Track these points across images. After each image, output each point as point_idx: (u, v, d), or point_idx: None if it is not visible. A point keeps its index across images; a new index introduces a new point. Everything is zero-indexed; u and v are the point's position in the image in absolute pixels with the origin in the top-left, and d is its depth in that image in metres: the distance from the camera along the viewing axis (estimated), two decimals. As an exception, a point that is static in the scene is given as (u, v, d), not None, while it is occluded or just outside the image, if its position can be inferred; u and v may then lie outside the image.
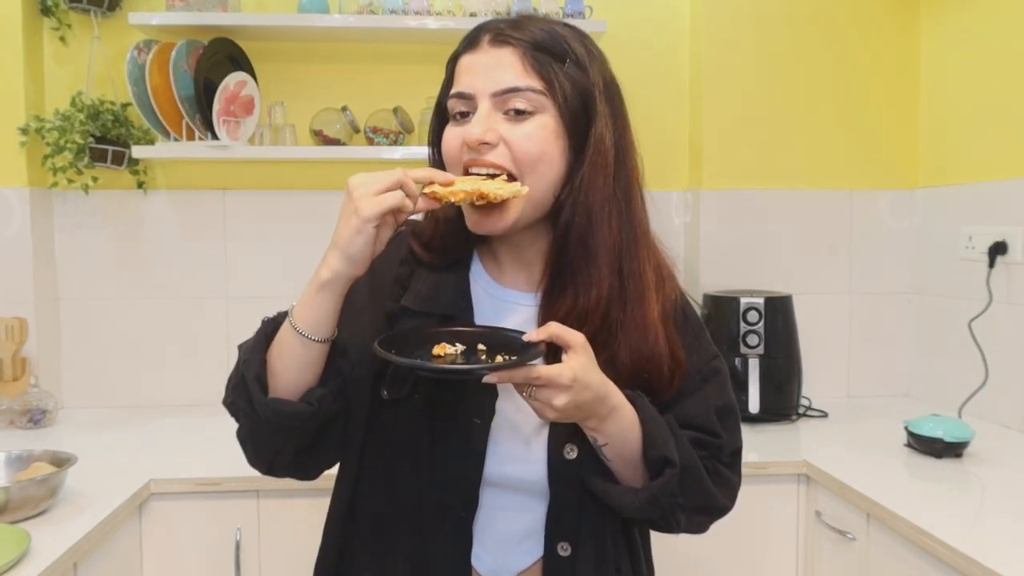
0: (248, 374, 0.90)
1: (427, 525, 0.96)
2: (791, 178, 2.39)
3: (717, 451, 1.00)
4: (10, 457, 1.58)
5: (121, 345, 2.30)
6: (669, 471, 0.91)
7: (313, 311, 0.88)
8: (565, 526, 0.97)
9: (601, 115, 0.93)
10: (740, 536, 1.81)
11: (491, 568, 0.98)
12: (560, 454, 0.95)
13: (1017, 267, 2.00)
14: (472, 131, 0.90)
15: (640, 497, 0.92)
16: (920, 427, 1.80)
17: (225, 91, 2.07)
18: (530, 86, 0.90)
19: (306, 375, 0.91)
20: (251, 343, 0.94)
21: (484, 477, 0.96)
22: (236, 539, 1.70)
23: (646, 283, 0.96)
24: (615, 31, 2.28)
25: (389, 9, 2.17)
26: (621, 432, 0.91)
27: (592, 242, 0.93)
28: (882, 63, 2.39)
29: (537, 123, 0.91)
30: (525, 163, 0.90)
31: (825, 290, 2.41)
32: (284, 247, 2.32)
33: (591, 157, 0.92)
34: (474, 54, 0.94)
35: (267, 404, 0.89)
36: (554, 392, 0.84)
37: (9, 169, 2.13)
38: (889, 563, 1.52)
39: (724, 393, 1.03)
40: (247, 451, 0.97)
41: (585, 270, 0.93)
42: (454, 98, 0.94)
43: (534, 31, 0.93)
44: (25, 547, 1.26)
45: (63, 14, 2.20)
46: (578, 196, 0.92)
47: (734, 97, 2.35)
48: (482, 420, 0.95)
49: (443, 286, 1.00)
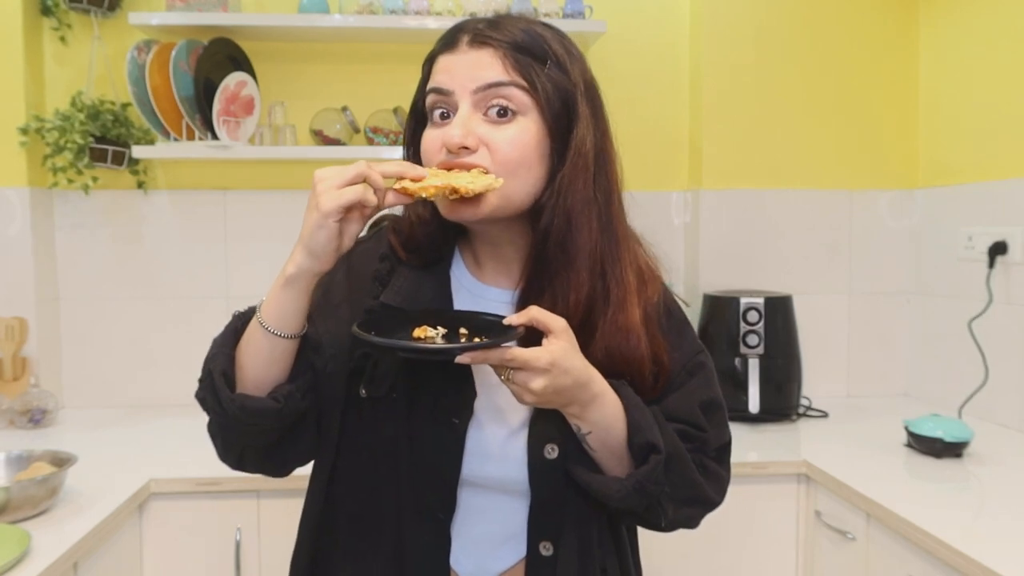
0: (215, 369, 0.89)
1: (405, 526, 0.94)
2: (791, 178, 2.39)
3: (703, 444, 0.98)
4: (10, 457, 1.58)
5: (121, 345, 2.30)
6: (654, 457, 0.90)
7: (279, 306, 0.87)
8: (547, 526, 0.95)
9: (582, 117, 0.92)
10: (740, 536, 1.82)
11: (470, 571, 0.97)
12: (541, 454, 0.94)
13: (1017, 267, 2.00)
14: (452, 133, 0.88)
15: (626, 485, 0.89)
16: (920, 427, 1.80)
17: (225, 91, 2.07)
18: (514, 81, 0.88)
19: (274, 371, 0.90)
20: (220, 337, 0.92)
21: (462, 477, 0.94)
22: (236, 539, 1.70)
23: (627, 287, 0.94)
24: (615, 31, 2.28)
25: (389, 9, 2.17)
26: (604, 420, 0.90)
27: (571, 246, 0.91)
28: (882, 63, 2.39)
29: (519, 126, 0.89)
30: (506, 167, 0.88)
31: (825, 290, 2.41)
32: (284, 247, 2.25)
33: (572, 160, 0.90)
34: (453, 54, 0.92)
35: (233, 400, 0.87)
36: (531, 375, 0.83)
37: (9, 169, 2.13)
38: (889, 563, 1.52)
39: (709, 387, 1.00)
40: (216, 445, 0.96)
41: (564, 274, 0.91)
42: (432, 94, 0.92)
43: (514, 31, 0.90)
44: (25, 547, 1.27)
45: (63, 14, 2.20)
46: (558, 199, 0.90)
47: (734, 97, 2.35)
48: (460, 420, 0.94)
49: (424, 282, 0.98)
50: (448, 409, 0.94)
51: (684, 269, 2.45)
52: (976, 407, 2.05)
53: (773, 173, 2.38)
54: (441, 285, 0.99)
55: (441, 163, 0.89)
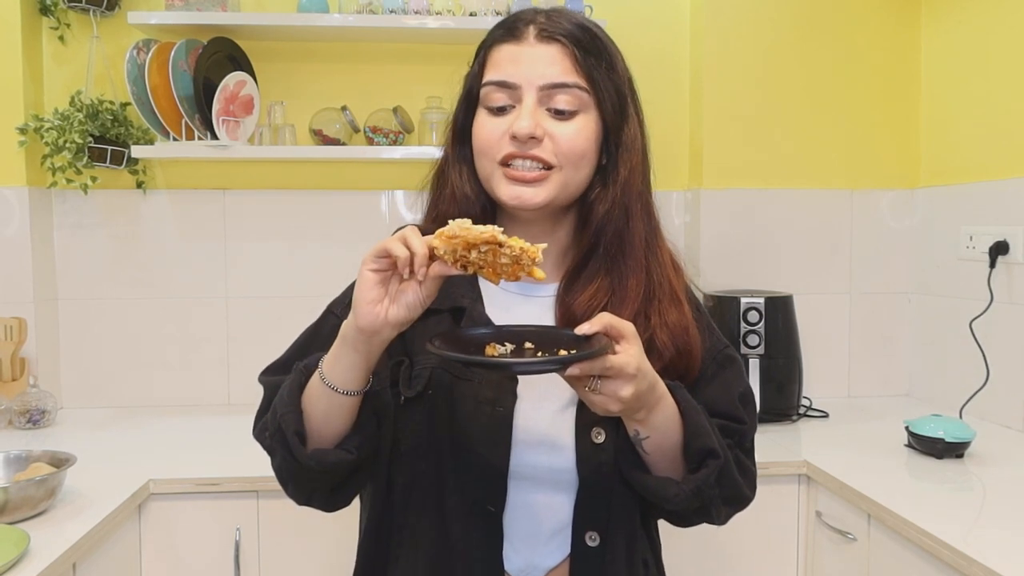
0: (287, 429, 0.88)
1: (454, 523, 0.94)
2: (791, 178, 2.38)
3: (742, 437, 1.00)
4: (9, 457, 1.58)
5: (121, 345, 2.29)
6: (713, 462, 0.90)
7: (339, 365, 0.87)
8: (594, 515, 0.95)
9: (632, 115, 0.98)
10: (741, 536, 1.81)
11: (520, 567, 0.96)
12: (588, 438, 0.94)
13: (1018, 267, 1.99)
14: (522, 124, 0.90)
15: (684, 489, 0.90)
16: (921, 427, 1.80)
17: (225, 91, 2.07)
18: (578, 83, 0.93)
19: (341, 424, 0.90)
20: (285, 393, 0.91)
21: (511, 468, 0.93)
22: (236, 539, 1.70)
23: (668, 274, 1.00)
24: (615, 31, 2.24)
25: (389, 9, 2.17)
26: (664, 422, 0.90)
27: (628, 234, 0.97)
28: (882, 63, 2.39)
29: (581, 122, 0.94)
30: (569, 159, 0.93)
31: (825, 290, 2.40)
32: (284, 247, 2.31)
33: (625, 156, 0.97)
34: (518, 45, 0.94)
35: (310, 457, 0.88)
36: (622, 383, 0.82)
37: (8, 169, 2.13)
38: (890, 563, 1.52)
39: (743, 379, 1.04)
40: (287, 488, 0.97)
41: (621, 260, 0.96)
42: (494, 86, 0.94)
43: (574, 28, 0.94)
44: (24, 547, 1.26)
45: (62, 13, 2.20)
46: (616, 192, 0.96)
47: (734, 97, 2.35)
48: (504, 407, 0.93)
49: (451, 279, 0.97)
50: (491, 399, 0.94)
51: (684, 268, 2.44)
52: (977, 407, 2.05)
53: (773, 173, 2.38)
54: (469, 280, 0.99)
55: (505, 154, 0.93)
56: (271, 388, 0.96)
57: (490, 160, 0.95)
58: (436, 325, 0.96)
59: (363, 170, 2.31)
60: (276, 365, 1.02)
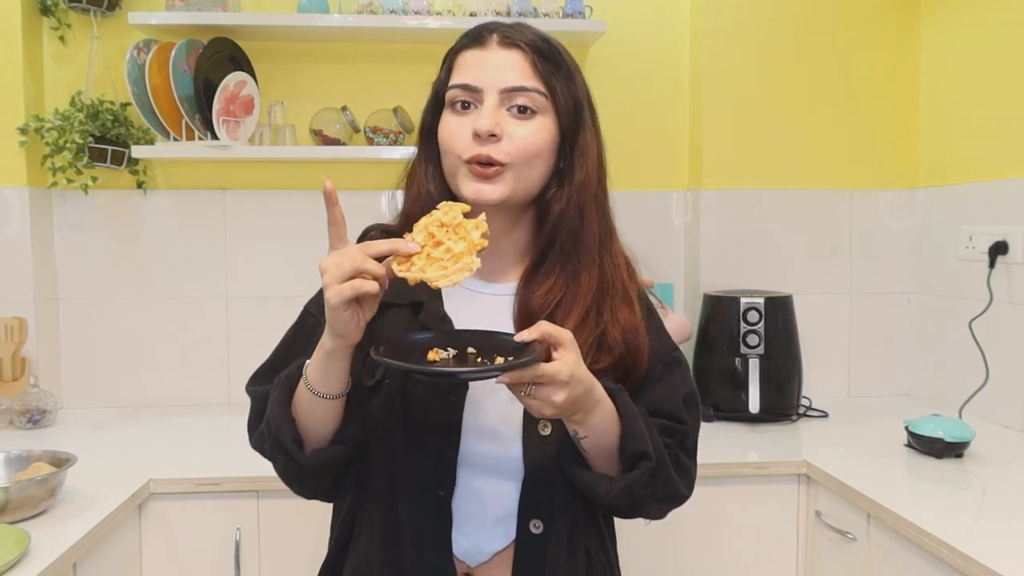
0: (285, 439, 0.95)
1: (404, 506, 0.99)
2: (791, 178, 2.39)
3: (683, 438, 1.05)
4: (10, 457, 1.58)
5: (121, 345, 2.30)
6: (645, 464, 0.95)
7: (324, 374, 0.93)
8: (538, 504, 1.00)
9: (588, 125, 1.04)
10: (740, 536, 1.81)
11: (467, 550, 1.01)
12: (535, 431, 0.99)
13: (1018, 267, 1.99)
14: (483, 123, 0.96)
15: (615, 487, 0.95)
16: (920, 427, 1.80)
17: (225, 91, 2.07)
18: (536, 87, 0.99)
19: (332, 423, 0.97)
20: (275, 406, 0.96)
21: (460, 456, 0.99)
22: (236, 539, 1.70)
23: (621, 274, 1.05)
24: (615, 31, 2.28)
25: (389, 9, 2.17)
26: (602, 424, 0.95)
27: (582, 232, 1.02)
28: (882, 63, 2.39)
29: (538, 123, 1.00)
30: (524, 158, 0.98)
31: (825, 290, 2.41)
32: (284, 247, 2.31)
33: (580, 160, 1.02)
34: (482, 50, 1.01)
35: (311, 459, 0.96)
36: (555, 389, 0.86)
37: (8, 169, 2.13)
38: (889, 563, 1.52)
39: (689, 382, 1.09)
40: (292, 488, 1.04)
41: (575, 256, 1.02)
42: (458, 88, 1.00)
43: (535, 39, 1.01)
44: (25, 547, 1.26)
45: (62, 14, 2.20)
46: (571, 192, 1.02)
47: (734, 97, 2.35)
48: (456, 398, 0.99)
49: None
50: (443, 389, 1.00)
51: (684, 269, 2.45)
52: (977, 407, 2.05)
53: (773, 173, 2.38)
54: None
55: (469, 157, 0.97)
56: (258, 398, 1.02)
57: (456, 156, 1.00)
58: (395, 318, 1.02)
59: (363, 170, 2.30)
60: (261, 373, 1.07)
